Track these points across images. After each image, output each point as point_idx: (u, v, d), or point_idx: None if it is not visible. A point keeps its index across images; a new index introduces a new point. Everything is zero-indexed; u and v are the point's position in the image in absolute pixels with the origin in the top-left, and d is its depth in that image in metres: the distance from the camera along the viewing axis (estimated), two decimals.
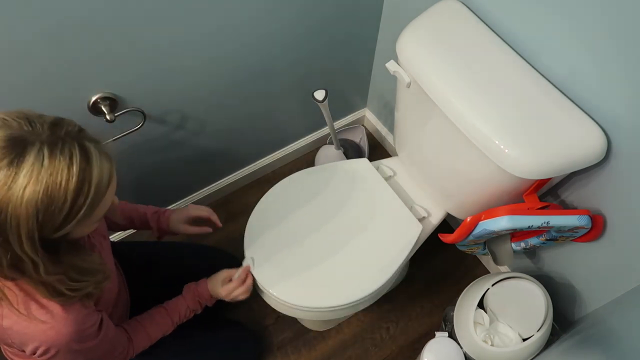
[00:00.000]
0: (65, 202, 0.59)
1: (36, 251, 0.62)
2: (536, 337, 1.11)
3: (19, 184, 0.56)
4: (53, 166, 0.58)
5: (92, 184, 0.61)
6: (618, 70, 0.83)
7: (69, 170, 0.59)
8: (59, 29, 0.91)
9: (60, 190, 0.58)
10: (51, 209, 0.59)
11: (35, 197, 0.57)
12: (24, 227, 0.58)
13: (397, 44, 1.05)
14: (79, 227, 0.65)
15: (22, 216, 0.57)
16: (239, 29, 1.17)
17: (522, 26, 0.97)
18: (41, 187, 0.57)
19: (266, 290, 1.10)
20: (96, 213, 0.66)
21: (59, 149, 0.59)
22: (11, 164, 0.56)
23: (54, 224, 0.61)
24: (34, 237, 0.60)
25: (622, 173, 0.93)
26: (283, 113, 1.57)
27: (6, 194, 0.56)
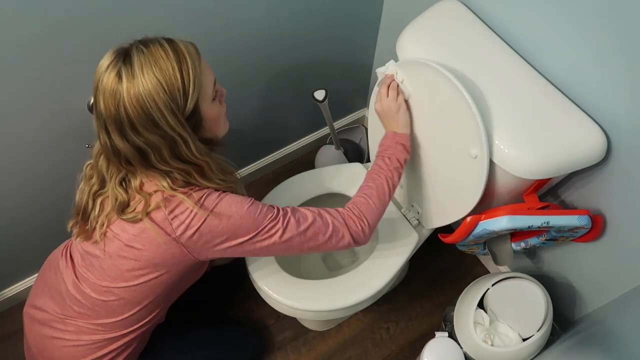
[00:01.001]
0: (175, 70, 0.74)
1: (181, 125, 0.77)
2: (536, 337, 1.11)
3: (137, 71, 0.73)
4: (151, 51, 0.74)
5: (184, 52, 0.76)
6: (618, 70, 0.83)
7: (163, 48, 0.75)
8: (59, 27, 0.91)
9: (166, 63, 0.74)
10: (168, 79, 0.74)
11: (152, 74, 0.73)
12: (160, 101, 0.74)
13: (397, 44, 1.05)
14: (203, 101, 0.80)
15: (153, 92, 0.73)
16: (239, 29, 1.17)
17: (522, 26, 0.97)
18: (152, 65, 0.73)
19: (266, 291, 1.10)
20: (204, 82, 0.79)
21: (149, 42, 0.76)
22: (125, 63, 0.74)
23: (179, 91, 0.75)
24: (172, 108, 0.75)
25: (622, 173, 0.93)
26: (283, 113, 1.57)
27: (134, 84, 0.73)
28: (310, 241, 0.90)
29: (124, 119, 0.74)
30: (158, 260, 0.85)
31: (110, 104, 0.74)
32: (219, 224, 0.83)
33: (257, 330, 1.48)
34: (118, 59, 0.74)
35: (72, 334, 0.93)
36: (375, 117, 1.18)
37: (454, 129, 0.94)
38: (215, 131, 0.88)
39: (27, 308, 1.00)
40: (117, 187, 0.83)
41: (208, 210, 0.82)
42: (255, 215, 0.85)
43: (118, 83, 0.73)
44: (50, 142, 1.10)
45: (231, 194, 0.87)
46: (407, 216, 1.22)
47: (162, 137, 0.77)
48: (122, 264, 0.86)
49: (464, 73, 0.94)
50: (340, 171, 1.30)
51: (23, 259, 1.37)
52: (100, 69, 0.75)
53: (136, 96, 0.73)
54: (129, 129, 0.75)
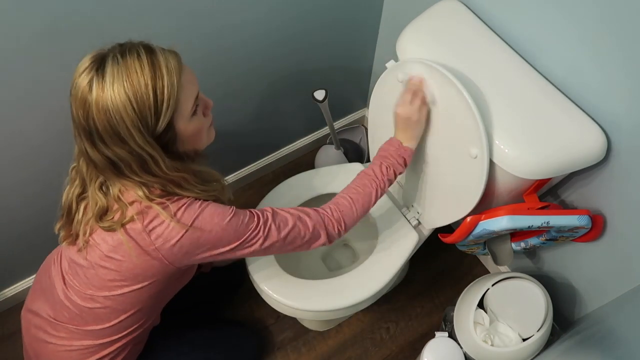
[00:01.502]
0: (147, 86, 0.71)
1: (150, 144, 0.74)
2: (536, 337, 1.11)
3: (107, 83, 0.70)
4: (126, 62, 0.71)
5: (162, 66, 0.73)
6: (618, 69, 0.83)
7: (140, 61, 0.71)
8: (59, 26, 0.91)
9: (139, 77, 0.71)
10: (139, 95, 0.71)
11: (122, 88, 0.70)
12: (127, 117, 0.71)
13: (397, 44, 1.05)
14: (180, 119, 0.77)
15: (120, 107, 0.70)
16: (239, 29, 1.17)
17: (522, 26, 0.97)
18: (124, 80, 0.70)
19: (267, 291, 1.10)
20: (183, 98, 0.76)
21: (127, 51, 0.73)
22: (97, 72, 0.71)
23: (150, 109, 0.72)
24: (139, 126, 0.72)
25: (622, 173, 0.93)
26: (283, 113, 1.57)
27: (102, 96, 0.70)
28: (289, 245, 0.91)
29: (92, 130, 0.73)
30: (138, 271, 0.84)
31: (80, 113, 0.72)
32: (200, 237, 0.82)
33: (257, 330, 1.48)
34: (93, 65, 0.72)
35: (64, 339, 0.93)
36: (375, 117, 1.18)
37: (454, 129, 0.94)
38: (196, 144, 0.85)
39: (24, 311, 1.00)
40: (96, 191, 0.82)
41: (187, 225, 0.80)
42: (237, 227, 0.84)
43: (88, 92, 0.71)
44: (48, 142, 1.10)
45: (213, 204, 0.84)
46: (407, 216, 1.22)
47: (130, 153, 0.75)
48: (104, 274, 0.85)
49: (464, 73, 0.93)
50: (340, 171, 1.30)
51: (23, 259, 1.37)
52: (77, 71, 0.73)
53: (104, 109, 0.70)
54: (97, 140, 0.74)
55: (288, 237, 0.89)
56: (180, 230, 0.80)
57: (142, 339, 1.04)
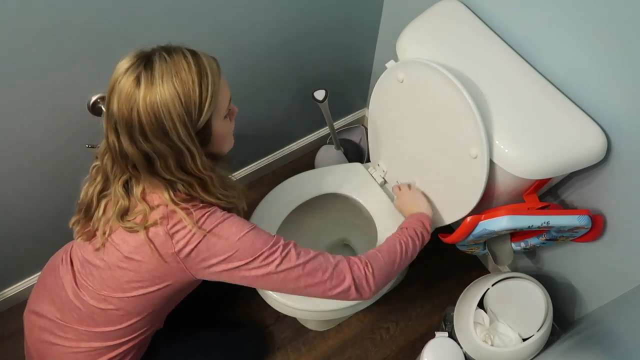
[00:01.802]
0: (194, 83, 0.74)
1: (191, 138, 0.77)
2: (536, 337, 1.11)
3: (157, 79, 0.72)
4: (174, 61, 0.74)
5: (206, 67, 0.77)
6: (618, 69, 0.83)
7: (187, 60, 0.75)
8: (59, 28, 0.91)
9: (187, 75, 0.74)
10: (187, 91, 0.74)
11: (172, 84, 0.73)
12: (174, 112, 0.73)
13: (397, 44, 1.05)
14: (216, 118, 0.80)
15: (169, 102, 0.72)
16: (239, 28, 1.17)
17: (522, 26, 0.97)
18: (173, 76, 0.73)
19: (267, 291, 1.10)
20: (220, 99, 0.79)
21: (173, 51, 0.76)
22: (145, 68, 0.73)
23: (195, 105, 0.75)
24: (185, 121, 0.74)
25: (622, 173, 0.93)
26: (283, 113, 1.57)
27: (152, 90, 0.72)
28: (308, 277, 0.85)
29: (135, 124, 0.74)
30: (157, 273, 0.85)
31: (124, 107, 0.73)
32: (217, 243, 0.82)
33: (257, 330, 1.48)
34: (139, 63, 0.74)
35: (71, 340, 0.92)
36: (375, 117, 1.18)
37: (454, 129, 0.94)
38: (222, 147, 0.88)
39: (27, 313, 0.99)
40: (119, 189, 0.83)
41: (206, 230, 0.81)
42: (254, 240, 0.84)
43: (136, 87, 0.72)
44: (50, 143, 1.10)
45: (234, 217, 0.86)
46: None
47: (170, 147, 0.76)
48: (121, 275, 0.86)
49: (464, 73, 0.94)
50: (340, 171, 1.30)
51: (23, 259, 1.37)
52: (119, 70, 0.75)
53: (152, 103, 0.72)
54: (138, 134, 0.75)
55: (307, 266, 0.85)
56: (199, 236, 0.81)
57: (146, 342, 1.04)
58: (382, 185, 1.28)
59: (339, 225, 1.45)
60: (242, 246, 0.83)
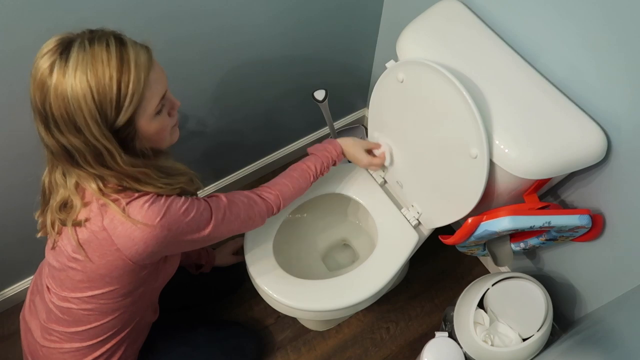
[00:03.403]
0: (112, 79, 0.68)
1: (106, 137, 0.71)
2: (536, 337, 1.11)
3: (70, 69, 0.66)
4: (93, 51, 0.68)
5: (130, 61, 0.69)
6: (618, 69, 0.83)
7: (108, 51, 0.68)
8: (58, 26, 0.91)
9: (104, 68, 0.67)
10: (102, 86, 0.67)
11: (85, 77, 0.67)
12: (85, 107, 0.68)
13: (397, 44, 1.05)
14: (142, 116, 0.74)
15: (80, 96, 0.67)
16: (239, 29, 1.17)
17: (521, 26, 0.97)
18: (88, 68, 0.67)
19: (266, 291, 1.10)
20: (148, 96, 0.73)
21: (97, 39, 0.69)
22: (61, 55, 0.67)
23: (111, 102, 0.69)
24: (97, 119, 0.69)
25: (622, 172, 0.93)
26: (283, 113, 1.57)
27: (63, 81, 0.67)
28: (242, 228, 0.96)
29: (48, 115, 0.69)
30: (102, 271, 0.82)
31: (37, 94, 0.69)
32: (167, 235, 0.79)
33: (257, 330, 1.48)
34: (58, 48, 0.68)
35: (56, 342, 0.92)
36: (375, 117, 1.18)
37: (454, 129, 0.94)
38: (157, 144, 0.82)
39: (21, 315, 1.00)
40: (59, 178, 0.79)
41: (152, 224, 0.77)
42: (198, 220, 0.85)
43: (48, 75, 0.67)
44: None
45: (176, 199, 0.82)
46: (407, 216, 1.22)
47: (85, 144, 0.71)
48: (73, 275, 0.84)
49: (464, 73, 0.93)
50: (341, 171, 1.30)
51: (24, 259, 1.37)
52: (40, 52, 0.69)
53: (62, 96, 0.67)
54: (52, 126, 0.70)
55: (242, 224, 0.95)
56: (144, 230, 0.77)
57: (138, 337, 1.03)
58: (382, 185, 1.28)
59: (339, 225, 1.45)
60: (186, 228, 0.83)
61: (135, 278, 0.86)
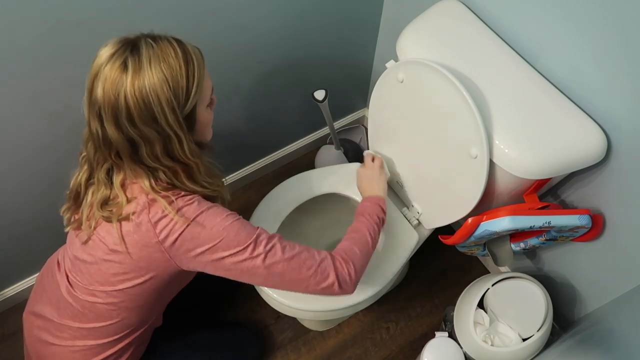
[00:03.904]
0: (181, 69, 0.75)
1: (179, 123, 0.77)
2: (536, 337, 1.11)
3: (145, 64, 0.72)
4: (160, 47, 0.74)
5: (192, 55, 0.78)
6: (618, 69, 0.83)
7: (173, 48, 0.75)
8: (58, 27, 0.91)
9: (174, 61, 0.74)
10: (174, 76, 0.74)
11: (160, 69, 0.73)
12: (163, 97, 0.73)
13: (397, 44, 1.05)
14: (200, 105, 0.81)
15: (157, 87, 0.73)
16: (239, 28, 1.17)
17: (522, 26, 0.97)
18: (161, 61, 0.73)
19: (267, 291, 1.10)
20: (205, 87, 0.80)
21: (158, 38, 0.76)
22: (132, 53, 0.73)
23: (182, 90, 0.76)
24: (173, 105, 0.75)
25: (622, 172, 0.93)
26: (283, 113, 1.57)
27: (140, 75, 0.72)
28: (293, 272, 0.86)
29: (122, 109, 0.73)
30: (142, 264, 0.84)
31: (110, 92, 0.73)
32: (201, 232, 0.81)
33: (257, 330, 1.48)
34: (125, 48, 0.73)
35: (67, 339, 0.93)
36: (375, 117, 1.18)
37: (454, 129, 0.94)
38: (204, 135, 0.88)
39: (27, 313, 1.00)
40: (102, 176, 0.83)
41: (189, 219, 0.81)
42: (239, 231, 0.83)
43: (123, 72, 0.72)
44: (49, 141, 1.10)
45: (218, 206, 0.85)
46: (407, 216, 1.22)
47: (158, 133, 0.76)
48: (107, 268, 0.85)
49: (464, 73, 0.94)
50: (340, 171, 1.30)
51: (24, 259, 1.37)
52: (103, 56, 0.74)
53: (140, 88, 0.72)
54: (125, 120, 0.74)
55: (292, 262, 0.86)
56: (183, 225, 0.80)
57: (145, 340, 1.04)
58: None
59: (339, 225, 1.44)
60: (226, 236, 0.82)
61: (168, 276, 0.88)
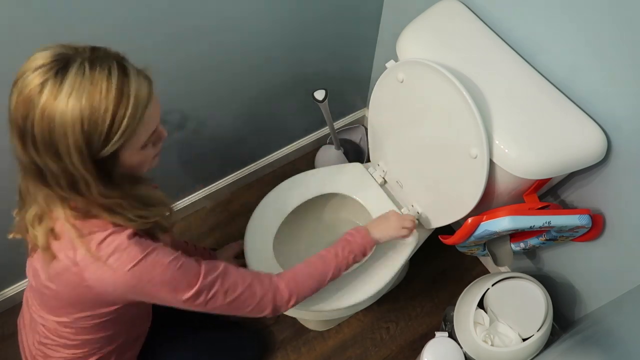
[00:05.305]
0: (107, 111, 0.63)
1: (86, 167, 0.66)
2: (536, 337, 1.11)
3: (63, 93, 0.61)
4: (93, 77, 0.62)
5: (130, 95, 0.65)
6: (618, 69, 0.83)
7: (108, 81, 0.63)
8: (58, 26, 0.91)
9: (101, 99, 0.62)
10: (94, 118, 0.62)
11: (78, 104, 0.61)
12: (71, 136, 0.62)
13: (397, 44, 1.05)
14: (128, 149, 0.69)
15: (68, 124, 0.62)
16: (239, 29, 1.17)
17: (522, 26, 0.97)
18: (83, 96, 0.61)
19: None
20: (140, 132, 0.68)
21: (99, 64, 0.64)
22: (56, 75, 0.61)
23: (100, 138, 0.64)
24: (82, 149, 0.64)
25: (621, 172, 0.93)
26: (283, 113, 1.57)
27: (53, 104, 0.61)
28: (232, 310, 0.88)
29: (28, 132, 0.63)
30: (74, 300, 0.79)
31: (20, 109, 0.63)
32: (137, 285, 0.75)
33: (257, 330, 1.48)
34: (54, 65, 0.62)
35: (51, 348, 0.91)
36: (375, 117, 1.18)
37: (454, 129, 0.94)
38: (136, 171, 0.76)
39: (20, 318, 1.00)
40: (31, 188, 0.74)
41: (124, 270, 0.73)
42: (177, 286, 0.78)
43: (38, 93, 0.61)
44: None
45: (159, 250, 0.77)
46: None
47: (62, 170, 0.66)
48: (47, 299, 0.83)
49: (464, 73, 0.94)
50: (340, 171, 1.30)
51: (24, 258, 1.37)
52: (31, 63, 0.63)
53: (49, 118, 0.61)
54: (30, 143, 0.64)
55: (233, 304, 0.86)
56: (114, 274, 0.73)
57: (129, 348, 1.01)
58: (382, 185, 1.28)
59: (339, 225, 1.45)
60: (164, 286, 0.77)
61: (111, 309, 0.83)
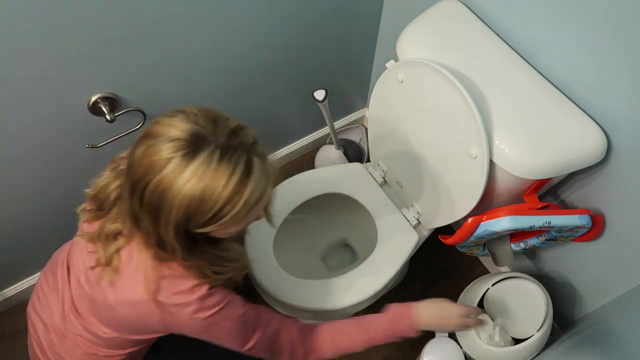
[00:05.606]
0: (214, 206, 0.64)
1: (178, 239, 0.68)
2: (536, 337, 1.11)
3: (184, 175, 0.62)
4: (217, 170, 0.63)
5: (242, 197, 0.65)
6: (618, 69, 0.83)
7: (229, 177, 0.64)
8: (58, 27, 0.91)
9: (214, 194, 0.63)
10: (200, 208, 0.64)
11: (192, 192, 0.63)
12: (174, 216, 0.64)
13: (398, 44, 1.05)
14: (219, 231, 0.70)
15: (175, 205, 0.63)
16: (239, 29, 1.17)
17: (522, 26, 0.97)
18: (200, 185, 0.62)
19: (267, 290, 1.10)
20: (239, 225, 0.71)
21: (227, 157, 0.64)
22: (185, 156, 0.62)
23: (199, 221, 0.66)
24: (180, 225, 0.66)
25: (621, 172, 0.93)
26: (283, 113, 1.57)
27: (171, 181, 0.63)
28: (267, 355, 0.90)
29: (140, 188, 0.66)
30: (132, 325, 0.83)
31: (142, 167, 0.65)
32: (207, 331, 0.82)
33: None
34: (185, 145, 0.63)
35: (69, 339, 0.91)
36: (375, 117, 1.18)
37: (454, 129, 0.94)
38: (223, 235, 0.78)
39: (30, 309, 0.99)
40: None
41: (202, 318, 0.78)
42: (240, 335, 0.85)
43: (163, 165, 0.63)
44: (50, 141, 1.10)
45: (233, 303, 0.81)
46: (407, 216, 1.22)
47: (155, 231, 0.69)
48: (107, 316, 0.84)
49: (464, 73, 0.94)
50: (340, 171, 1.30)
51: (23, 258, 1.37)
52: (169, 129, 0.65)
53: (163, 190, 0.63)
54: (137, 197, 0.67)
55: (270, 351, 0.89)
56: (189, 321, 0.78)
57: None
58: (382, 185, 1.28)
59: (339, 225, 1.45)
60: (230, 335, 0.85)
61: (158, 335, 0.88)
